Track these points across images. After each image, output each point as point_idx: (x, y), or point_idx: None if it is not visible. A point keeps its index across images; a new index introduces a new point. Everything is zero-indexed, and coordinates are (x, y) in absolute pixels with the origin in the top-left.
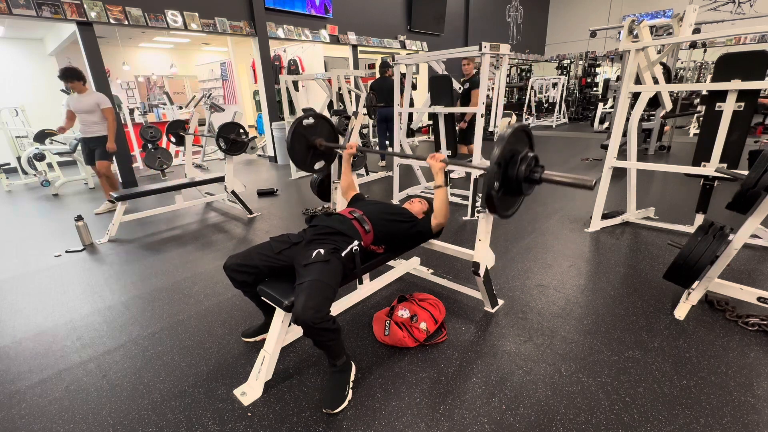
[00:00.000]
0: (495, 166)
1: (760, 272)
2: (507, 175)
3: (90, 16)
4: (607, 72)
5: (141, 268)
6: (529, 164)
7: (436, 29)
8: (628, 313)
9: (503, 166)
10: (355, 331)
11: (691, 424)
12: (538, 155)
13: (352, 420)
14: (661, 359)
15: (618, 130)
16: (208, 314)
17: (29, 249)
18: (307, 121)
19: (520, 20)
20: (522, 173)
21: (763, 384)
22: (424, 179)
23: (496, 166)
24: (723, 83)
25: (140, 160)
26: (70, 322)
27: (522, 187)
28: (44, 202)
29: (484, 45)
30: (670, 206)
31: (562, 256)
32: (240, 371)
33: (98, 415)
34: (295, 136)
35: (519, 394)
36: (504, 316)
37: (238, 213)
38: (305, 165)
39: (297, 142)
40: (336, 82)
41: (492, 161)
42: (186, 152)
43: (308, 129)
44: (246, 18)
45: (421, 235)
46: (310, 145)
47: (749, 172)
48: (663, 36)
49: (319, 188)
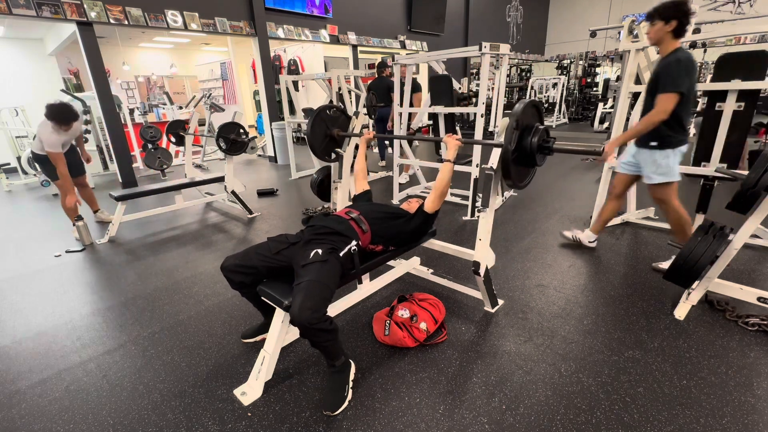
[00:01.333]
0: (512, 129)
1: (760, 272)
2: (522, 145)
3: (90, 16)
4: (607, 72)
5: (141, 268)
6: (541, 135)
7: (436, 29)
8: (628, 313)
9: (520, 129)
10: (355, 331)
11: (691, 424)
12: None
13: (352, 420)
14: (661, 359)
15: (618, 130)
16: (208, 314)
17: (29, 249)
18: (330, 111)
19: (520, 20)
20: (535, 144)
21: (763, 384)
22: (424, 179)
23: (514, 128)
24: (723, 83)
25: (140, 160)
26: (70, 322)
27: (536, 157)
28: (44, 202)
29: (484, 45)
30: None
31: (562, 256)
32: (240, 371)
33: (98, 415)
34: (316, 122)
35: (519, 394)
36: (504, 316)
37: (238, 213)
38: (319, 150)
39: (318, 127)
40: (336, 82)
41: (509, 127)
42: (186, 152)
43: (329, 119)
44: (246, 18)
45: (418, 227)
46: (328, 134)
47: (749, 172)
48: None
49: (319, 188)
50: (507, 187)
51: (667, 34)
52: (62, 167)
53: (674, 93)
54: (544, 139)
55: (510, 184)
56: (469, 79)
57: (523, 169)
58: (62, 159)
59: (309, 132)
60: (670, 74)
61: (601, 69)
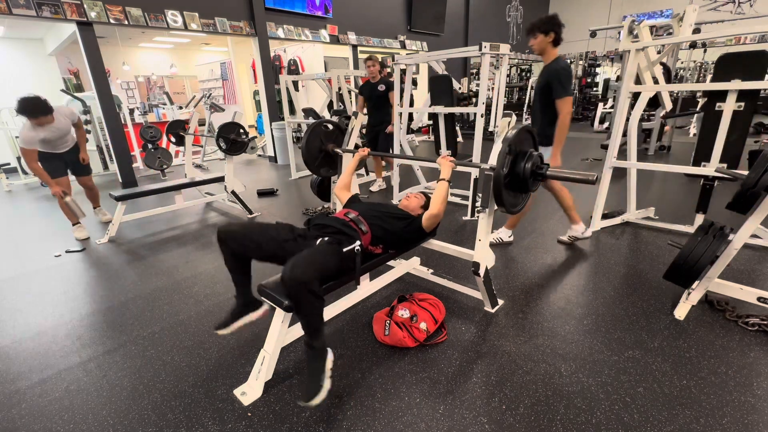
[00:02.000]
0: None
1: (760, 272)
2: (515, 171)
3: (90, 16)
4: (607, 72)
5: (141, 268)
6: (535, 161)
7: (436, 29)
8: (628, 313)
9: (513, 153)
10: (355, 331)
11: (691, 424)
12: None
13: (352, 420)
14: (661, 359)
15: (618, 130)
16: (208, 314)
17: (29, 249)
18: (327, 126)
19: (520, 20)
20: (528, 170)
21: (763, 384)
22: (424, 179)
23: (506, 153)
24: (723, 83)
25: (140, 160)
26: (70, 322)
27: (528, 183)
28: (44, 202)
29: (484, 45)
30: (670, 206)
31: (562, 257)
32: (240, 371)
33: (98, 415)
34: (311, 137)
35: (519, 394)
36: (504, 316)
37: (238, 213)
38: (313, 165)
39: (312, 143)
40: (336, 82)
41: (501, 153)
42: (186, 152)
43: (326, 134)
44: (246, 18)
45: (418, 232)
46: (323, 149)
47: (749, 172)
48: (663, 36)
49: (319, 188)
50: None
51: (549, 44)
52: (32, 163)
53: (569, 96)
54: (538, 165)
55: (503, 210)
56: (469, 79)
57: (516, 194)
58: (30, 155)
59: (304, 147)
60: (561, 82)
61: (601, 69)
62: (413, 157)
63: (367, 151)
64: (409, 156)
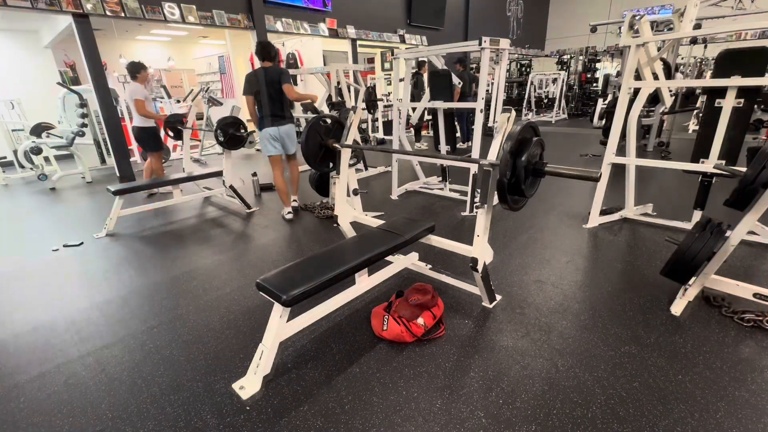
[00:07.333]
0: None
1: (757, 269)
2: (515, 170)
3: (86, 8)
4: (607, 68)
5: (139, 263)
6: (538, 158)
7: (435, 23)
8: (624, 309)
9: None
10: (354, 326)
11: (686, 418)
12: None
13: (350, 414)
14: (657, 354)
15: (617, 126)
16: (207, 309)
17: (27, 243)
18: (325, 121)
19: (521, 15)
20: (530, 167)
21: (758, 379)
22: (423, 175)
23: (509, 155)
24: (722, 80)
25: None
26: (68, 316)
27: (528, 180)
28: (41, 196)
29: (483, 40)
30: (668, 203)
31: (560, 252)
32: (238, 365)
33: (97, 408)
34: (310, 134)
35: (516, 388)
36: (502, 312)
37: (237, 208)
38: (314, 162)
39: (312, 139)
40: (335, 77)
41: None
42: (184, 146)
43: (325, 129)
44: (244, 11)
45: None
46: (323, 144)
47: (747, 169)
48: (664, 31)
49: (318, 183)
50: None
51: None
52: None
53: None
54: (538, 162)
55: (506, 207)
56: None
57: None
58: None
59: (303, 144)
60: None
61: (601, 64)
62: (412, 152)
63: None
64: (407, 151)
